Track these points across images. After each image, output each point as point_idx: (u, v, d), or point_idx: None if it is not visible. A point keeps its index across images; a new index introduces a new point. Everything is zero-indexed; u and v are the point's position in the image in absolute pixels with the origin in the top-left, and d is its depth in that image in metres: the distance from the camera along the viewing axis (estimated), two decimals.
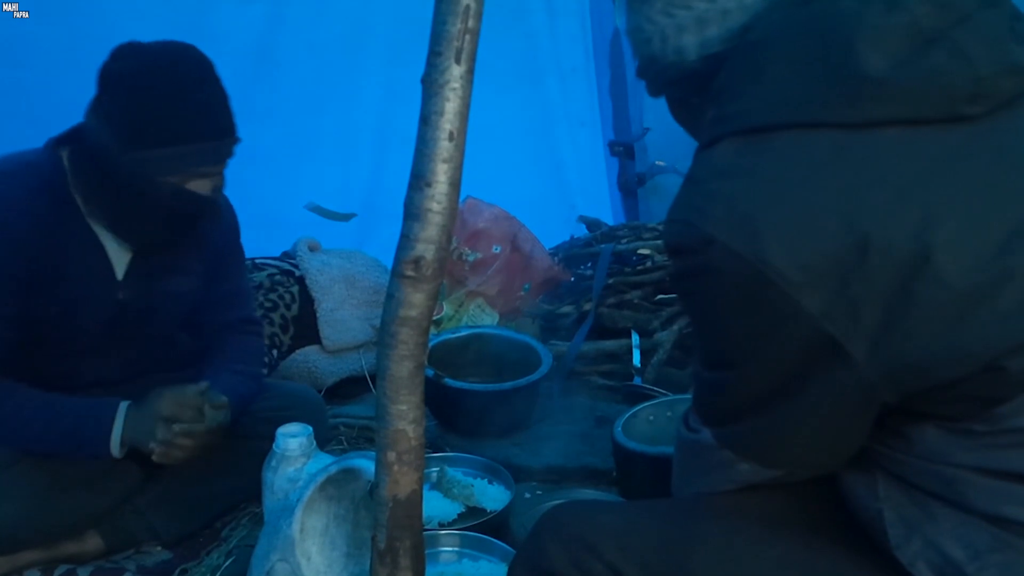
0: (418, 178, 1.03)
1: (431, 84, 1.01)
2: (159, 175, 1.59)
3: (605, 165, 3.70)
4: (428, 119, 1.02)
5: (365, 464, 1.43)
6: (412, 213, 1.05)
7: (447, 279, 2.85)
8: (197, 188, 1.63)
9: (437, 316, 2.78)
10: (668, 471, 1.17)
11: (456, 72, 1.00)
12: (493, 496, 1.86)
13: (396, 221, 1.07)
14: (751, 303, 0.89)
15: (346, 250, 2.83)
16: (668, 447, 1.37)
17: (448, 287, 2.87)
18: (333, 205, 3.02)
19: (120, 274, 1.73)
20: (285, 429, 1.50)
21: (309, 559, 1.41)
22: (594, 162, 3.67)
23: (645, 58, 1.08)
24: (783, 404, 0.93)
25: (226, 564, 1.76)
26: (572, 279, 3.05)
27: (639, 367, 2.49)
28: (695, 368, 1.05)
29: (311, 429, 1.51)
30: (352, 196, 3.12)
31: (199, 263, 1.84)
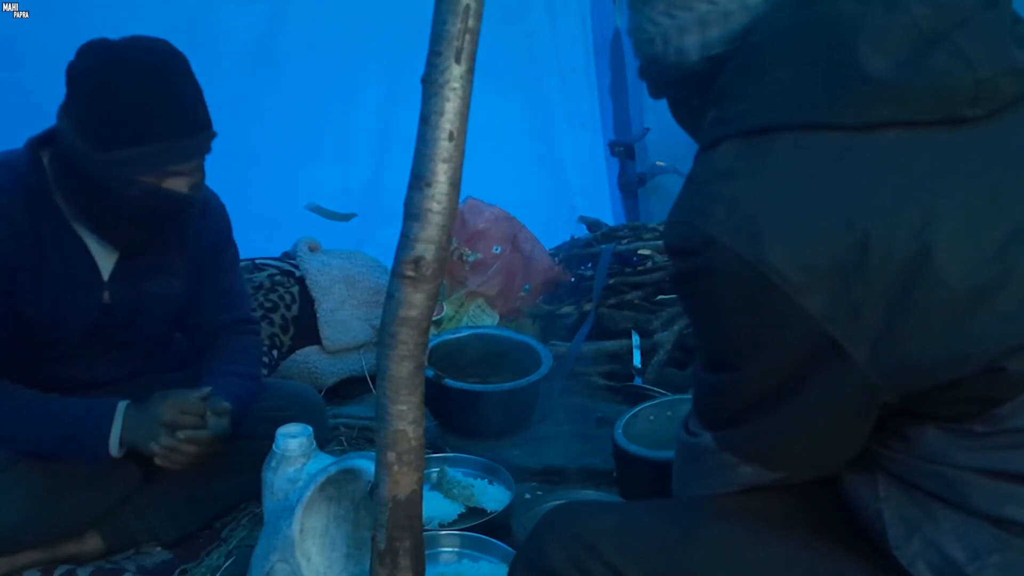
0: (418, 178, 1.03)
1: (431, 84, 1.01)
2: (131, 175, 1.55)
3: (605, 165, 3.69)
4: (428, 119, 1.02)
5: (365, 464, 1.43)
6: (412, 213, 1.05)
7: (447, 279, 2.85)
8: (174, 186, 1.60)
9: (437, 316, 2.78)
10: (669, 475, 1.16)
11: (456, 72, 1.00)
12: (493, 497, 1.86)
13: (396, 221, 1.06)
14: (752, 304, 0.89)
15: (346, 250, 2.83)
16: (669, 451, 1.37)
17: (448, 287, 2.87)
18: (333, 205, 3.02)
19: (106, 275, 1.71)
20: (285, 429, 1.50)
21: (309, 559, 1.41)
22: (594, 162, 3.66)
23: (646, 59, 1.08)
24: (784, 405, 0.93)
25: (226, 564, 1.76)
26: (572, 279, 3.05)
27: (639, 367, 2.49)
28: (696, 371, 1.05)
29: (311, 429, 1.51)
30: (352, 196, 3.12)
31: (187, 263, 1.82)
